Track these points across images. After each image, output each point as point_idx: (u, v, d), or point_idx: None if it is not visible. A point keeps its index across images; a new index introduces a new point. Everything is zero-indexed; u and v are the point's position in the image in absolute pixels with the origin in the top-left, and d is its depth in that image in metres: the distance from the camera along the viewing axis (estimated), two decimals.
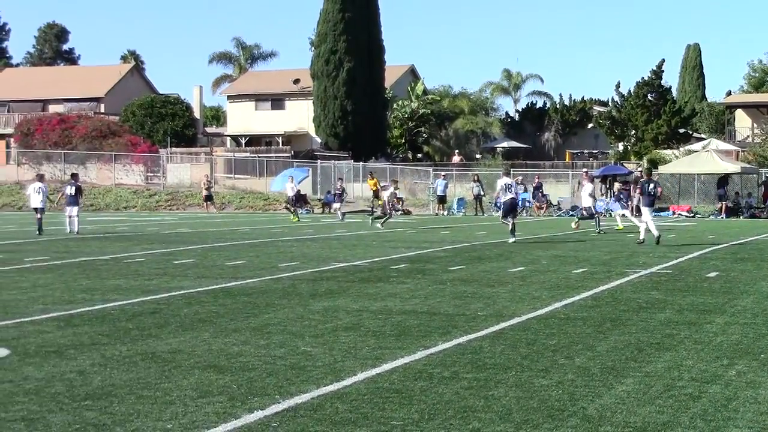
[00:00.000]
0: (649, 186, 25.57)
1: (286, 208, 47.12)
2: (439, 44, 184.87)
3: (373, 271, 18.10)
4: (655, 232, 24.95)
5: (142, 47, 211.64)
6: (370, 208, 53.51)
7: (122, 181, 63.92)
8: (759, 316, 12.15)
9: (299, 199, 56.34)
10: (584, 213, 33.82)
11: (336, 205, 46.78)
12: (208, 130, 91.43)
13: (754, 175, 53.12)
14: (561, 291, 14.73)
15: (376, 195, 55.14)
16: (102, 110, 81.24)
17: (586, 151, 71.93)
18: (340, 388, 7.95)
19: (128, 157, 65.72)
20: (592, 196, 33.67)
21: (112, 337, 10.52)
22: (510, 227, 26.86)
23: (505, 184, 27.68)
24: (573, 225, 33.56)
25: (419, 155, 78.91)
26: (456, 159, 69.70)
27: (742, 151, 61.51)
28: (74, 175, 34.23)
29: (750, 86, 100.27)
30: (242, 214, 50.55)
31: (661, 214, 50.23)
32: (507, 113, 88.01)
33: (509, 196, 27.38)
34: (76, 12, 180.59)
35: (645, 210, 25.50)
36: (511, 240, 26.40)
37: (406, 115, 78.32)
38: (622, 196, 35.19)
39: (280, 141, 78.80)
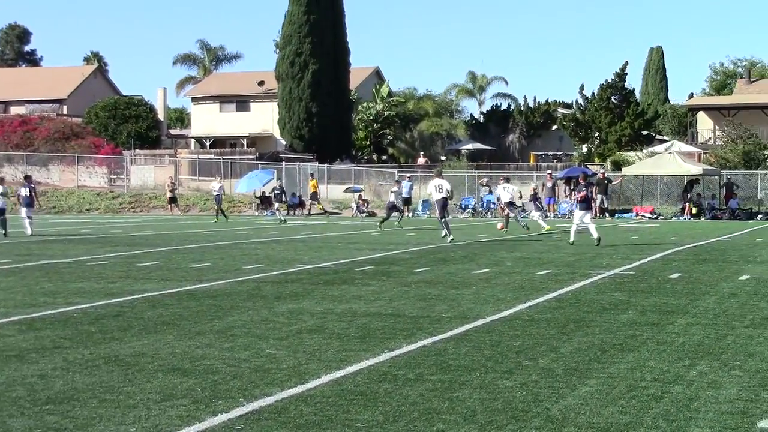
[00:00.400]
0: (584, 190, 26.69)
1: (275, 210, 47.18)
2: (404, 46, 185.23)
3: (338, 273, 18.08)
4: (595, 234, 25.66)
5: (106, 49, 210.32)
6: (322, 210, 53.57)
7: (85, 183, 63.46)
8: (720, 316, 12.25)
9: (264, 201, 56.35)
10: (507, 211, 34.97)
11: (276, 205, 46.67)
12: (173, 132, 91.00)
13: (716, 177, 53.55)
14: (525, 292, 14.78)
15: (315, 197, 55.20)
16: (65, 112, 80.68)
17: (550, 152, 72.27)
18: (304, 391, 7.93)
19: (91, 159, 65.27)
20: (512, 195, 34.54)
21: (75, 340, 10.44)
22: (444, 227, 28.01)
23: (437, 185, 28.79)
24: (498, 226, 33.77)
25: (384, 157, 78.97)
26: (421, 161, 69.82)
27: (704, 153, 61.96)
28: (27, 177, 34.09)
29: (712, 89, 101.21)
30: (207, 216, 50.35)
31: (625, 215, 50.62)
32: (472, 115, 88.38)
33: (441, 195, 28.48)
34: (38, 13, 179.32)
35: (578, 213, 26.38)
36: (449, 238, 27.34)
37: (371, 117, 78.35)
38: (539, 197, 36.24)
39: (245, 143, 78.57)
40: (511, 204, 32.72)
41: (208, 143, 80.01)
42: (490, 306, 13.18)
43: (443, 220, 28.39)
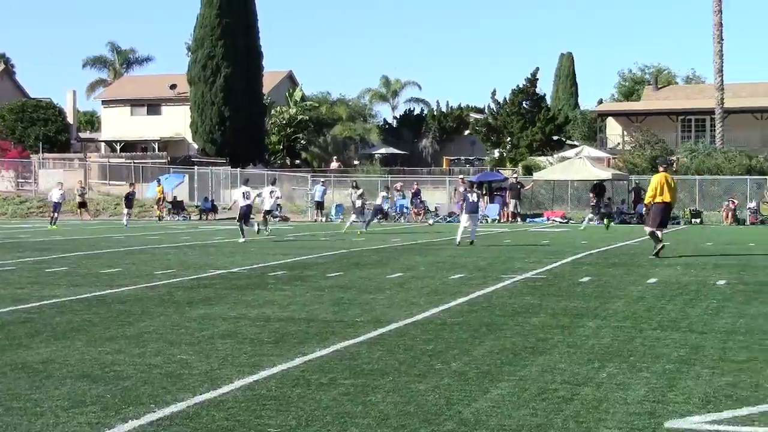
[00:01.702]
0: (471, 197, 28.31)
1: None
2: (318, 51, 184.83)
3: (251, 278, 17.99)
4: (458, 238, 27.55)
5: (13, 50, 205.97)
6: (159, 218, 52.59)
7: None
8: (629, 319, 12.45)
9: (176, 206, 55.81)
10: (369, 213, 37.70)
11: (126, 210, 44.31)
12: (82, 135, 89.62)
13: (624, 182, 54.44)
14: (438, 297, 14.86)
15: (159, 202, 54.44)
16: None
17: (463, 157, 72.80)
18: (216, 396, 7.87)
19: None
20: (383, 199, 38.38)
21: None
22: (256, 228, 31.28)
23: (243, 192, 31.29)
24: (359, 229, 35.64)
25: (297, 161, 78.82)
26: (334, 165, 69.84)
27: (613, 158, 63.00)
28: None
29: (620, 95, 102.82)
30: (117, 221, 49.65)
31: (536, 220, 51.20)
32: (385, 120, 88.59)
33: (246, 202, 30.91)
34: None
35: (465, 216, 28.18)
36: (242, 240, 29.71)
37: (285, 122, 78.12)
38: (363, 203, 37.65)
39: (156, 147, 77.72)
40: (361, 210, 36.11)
41: (118, 147, 78.99)
42: (403, 310, 13.23)
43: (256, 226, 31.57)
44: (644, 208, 24.94)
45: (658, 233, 23.13)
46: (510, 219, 51.13)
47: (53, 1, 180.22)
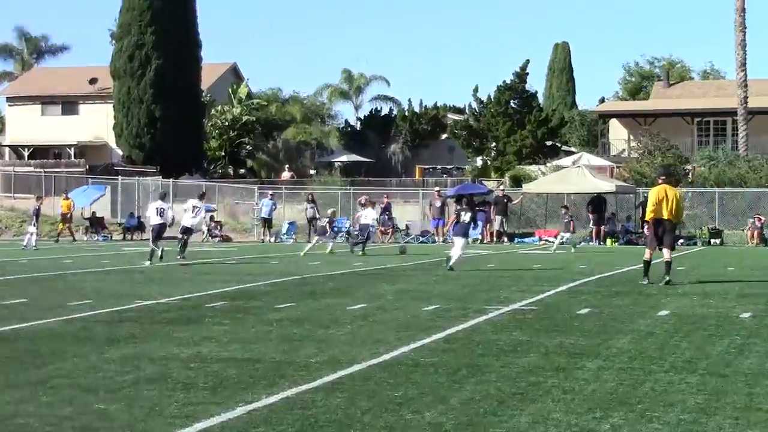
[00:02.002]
0: (464, 216, 28.91)
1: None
2: (267, 40, 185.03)
3: (184, 310, 17.89)
4: (452, 261, 27.73)
5: None
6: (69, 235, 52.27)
7: None
8: (636, 359, 12.45)
9: (94, 223, 55.51)
10: (359, 234, 38.83)
11: (31, 229, 43.94)
12: None
13: (631, 195, 54.64)
14: (409, 332, 14.81)
15: (65, 219, 54.07)
16: None
17: (439, 166, 73.03)
18: None
19: None
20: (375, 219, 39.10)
21: None
22: (159, 253, 31.14)
23: (157, 208, 31.57)
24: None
25: (242, 171, 78.80)
26: (286, 175, 69.81)
27: (617, 167, 63.36)
28: None
29: (626, 92, 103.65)
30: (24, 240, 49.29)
31: (526, 240, 51.35)
32: (347, 121, 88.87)
33: (159, 221, 31.46)
34: None
35: (458, 240, 28.69)
36: (147, 263, 30.49)
37: (227, 123, 78.11)
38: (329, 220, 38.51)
39: (73, 153, 77.40)
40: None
41: (26, 153, 78.55)
42: (367, 348, 13.17)
43: (161, 247, 31.54)
44: (646, 226, 25.18)
45: (648, 254, 23.35)
46: (495, 239, 51.22)
47: None
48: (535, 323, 15.99)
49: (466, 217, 28.94)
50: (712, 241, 49.40)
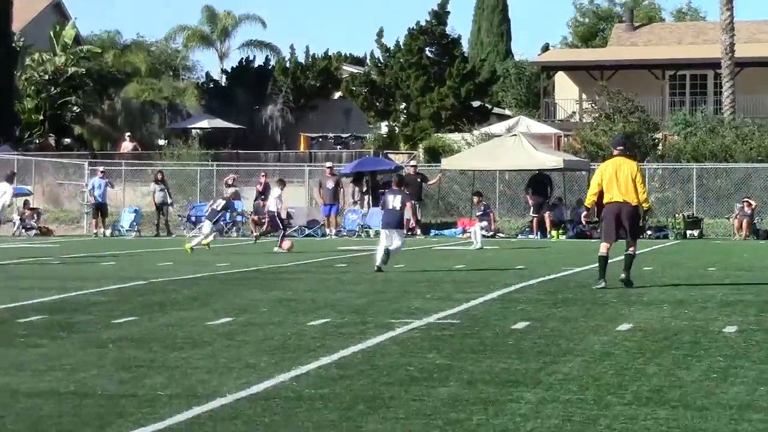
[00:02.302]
0: (390, 198, 28.96)
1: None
2: None
3: None
4: (378, 260, 28.07)
5: None
6: None
7: None
8: (589, 388, 12.52)
9: None
10: (268, 226, 39.42)
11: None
12: None
13: (583, 173, 54.82)
14: (290, 354, 14.80)
15: None
16: None
17: (331, 134, 72.97)
18: None
19: None
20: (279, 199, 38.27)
21: None
22: None
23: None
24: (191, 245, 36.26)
25: (67, 141, 78.13)
26: (127, 146, 69.33)
27: (566, 136, 63.83)
28: None
29: (577, 38, 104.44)
30: None
31: (445, 232, 51.51)
32: (209, 75, 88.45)
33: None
34: None
35: (387, 233, 28.72)
36: None
37: (47, 77, 77.38)
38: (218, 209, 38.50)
39: None
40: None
41: None
42: (233, 377, 13.13)
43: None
44: (584, 213, 25.61)
45: (604, 249, 23.50)
46: (406, 230, 51.32)
47: None
48: (457, 342, 16.04)
49: (395, 201, 28.79)
50: (689, 232, 49.88)
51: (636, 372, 13.57)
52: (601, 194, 23.58)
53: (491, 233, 42.54)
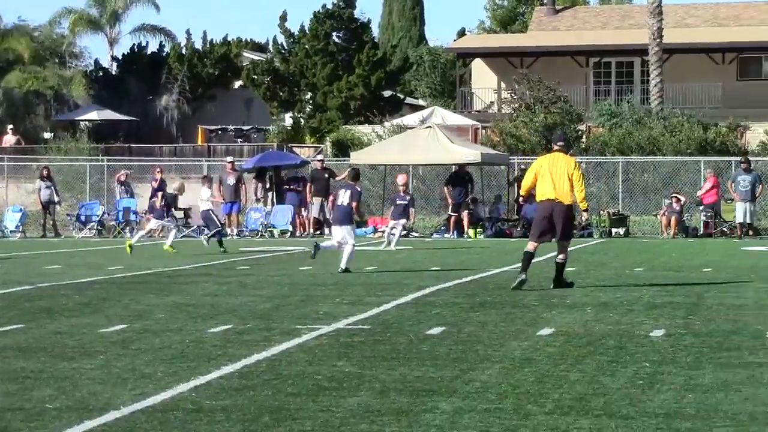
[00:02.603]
0: (341, 193, 29.35)
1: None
2: None
3: None
4: (344, 261, 28.17)
5: None
6: None
7: None
8: (509, 397, 12.61)
9: None
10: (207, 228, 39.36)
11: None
12: None
13: (502, 167, 54.99)
14: (188, 363, 14.78)
15: None
16: None
17: (231, 127, 72.70)
18: None
19: None
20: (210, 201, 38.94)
21: None
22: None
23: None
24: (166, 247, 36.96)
25: None
26: (8, 140, 68.78)
27: (484, 128, 63.97)
28: None
29: (495, 22, 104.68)
30: None
31: (356, 231, 51.43)
32: (98, 62, 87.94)
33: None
34: None
35: (338, 230, 29.18)
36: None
37: None
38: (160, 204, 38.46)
39: None
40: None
41: None
42: (128, 388, 13.11)
43: None
44: (518, 205, 25.80)
45: (531, 247, 23.69)
46: (312, 230, 51.36)
47: None
48: (368, 349, 16.09)
49: (345, 196, 29.19)
50: (614, 230, 50.10)
51: (558, 379, 13.68)
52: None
53: (404, 232, 42.58)
